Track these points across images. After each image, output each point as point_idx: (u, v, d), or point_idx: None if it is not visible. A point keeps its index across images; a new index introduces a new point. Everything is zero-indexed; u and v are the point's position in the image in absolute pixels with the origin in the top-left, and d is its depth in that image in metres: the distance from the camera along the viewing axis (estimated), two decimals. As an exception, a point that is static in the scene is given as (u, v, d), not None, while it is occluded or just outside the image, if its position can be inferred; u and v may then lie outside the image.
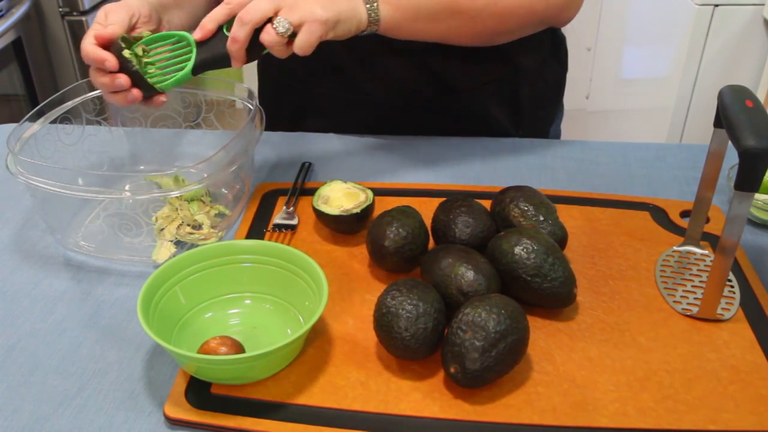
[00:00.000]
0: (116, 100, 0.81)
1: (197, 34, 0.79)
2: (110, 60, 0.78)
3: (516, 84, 1.07)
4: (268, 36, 0.76)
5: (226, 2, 0.78)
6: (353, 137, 1.07)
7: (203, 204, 0.88)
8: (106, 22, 0.80)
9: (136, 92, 0.80)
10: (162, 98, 0.82)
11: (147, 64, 0.80)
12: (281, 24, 0.75)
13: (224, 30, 0.79)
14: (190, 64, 0.79)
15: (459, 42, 0.94)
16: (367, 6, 0.81)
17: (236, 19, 0.76)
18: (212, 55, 0.79)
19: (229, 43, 0.77)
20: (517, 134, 1.10)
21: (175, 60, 0.80)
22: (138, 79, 0.80)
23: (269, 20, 0.77)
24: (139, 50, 0.80)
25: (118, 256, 0.83)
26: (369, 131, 1.07)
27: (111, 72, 0.79)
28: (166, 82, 0.80)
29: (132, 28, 0.82)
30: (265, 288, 0.75)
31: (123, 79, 0.79)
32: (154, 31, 0.85)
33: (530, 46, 0.99)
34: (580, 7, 0.96)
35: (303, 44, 0.77)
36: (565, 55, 1.14)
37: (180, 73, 0.80)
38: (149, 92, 0.81)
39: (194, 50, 0.80)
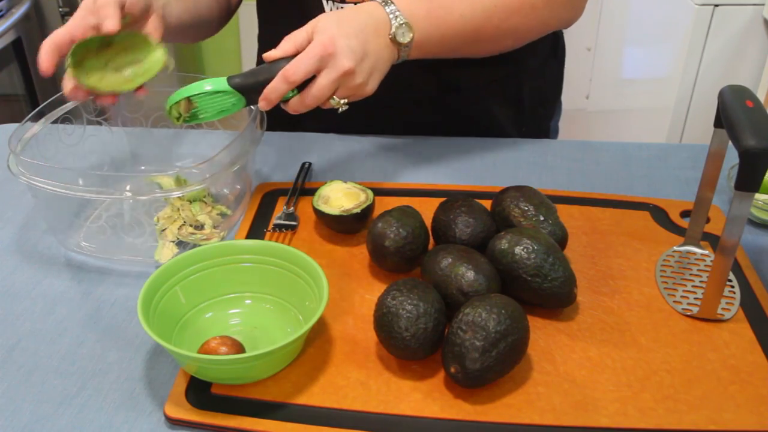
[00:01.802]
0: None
1: (264, 106, 0.81)
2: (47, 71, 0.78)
3: (519, 82, 1.08)
4: (316, 101, 0.80)
5: (286, 78, 0.79)
6: (353, 137, 1.07)
7: (205, 204, 0.88)
8: (103, 12, 0.79)
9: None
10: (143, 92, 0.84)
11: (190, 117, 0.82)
12: (339, 105, 0.81)
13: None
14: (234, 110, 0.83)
15: (473, 57, 0.97)
16: (401, 54, 0.85)
17: (281, 74, 0.78)
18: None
19: (268, 91, 0.79)
20: (519, 132, 1.10)
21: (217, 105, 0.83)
22: None
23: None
24: (182, 107, 0.81)
25: (119, 256, 0.83)
26: (370, 130, 1.07)
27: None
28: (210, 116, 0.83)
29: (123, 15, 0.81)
30: (266, 288, 0.75)
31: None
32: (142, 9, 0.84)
33: (533, 46, 1.00)
34: (584, 9, 0.98)
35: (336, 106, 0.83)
36: (563, 52, 1.15)
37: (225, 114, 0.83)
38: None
39: (240, 101, 0.82)
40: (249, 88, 0.80)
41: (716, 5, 1.94)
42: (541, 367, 0.68)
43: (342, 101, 0.81)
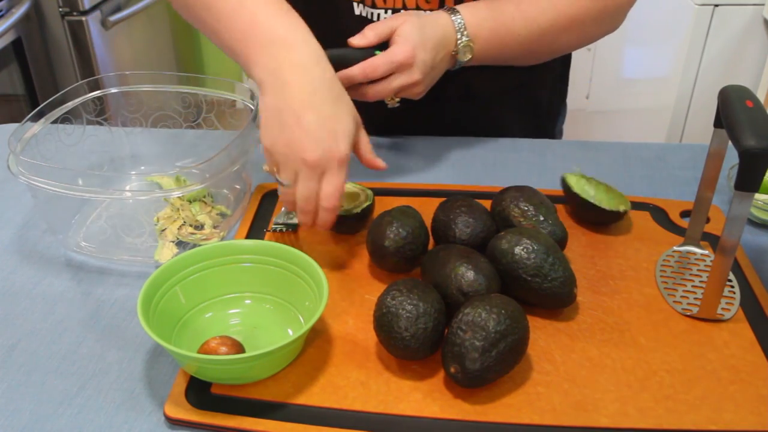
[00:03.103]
0: None
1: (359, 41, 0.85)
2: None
3: (534, 89, 1.07)
4: (377, 97, 0.86)
5: (364, 72, 0.83)
6: (353, 137, 1.06)
7: (204, 204, 0.88)
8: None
9: None
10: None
11: None
12: (394, 103, 0.88)
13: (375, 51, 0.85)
14: None
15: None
16: (456, 67, 0.90)
17: (362, 68, 0.83)
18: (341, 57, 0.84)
19: (342, 77, 0.81)
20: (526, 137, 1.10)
21: None
22: None
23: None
24: None
25: (119, 256, 0.83)
26: (378, 131, 1.07)
27: None
28: None
29: None
30: (265, 288, 0.75)
31: None
32: None
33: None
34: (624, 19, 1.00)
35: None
36: (570, 54, 1.14)
37: None
38: None
39: None
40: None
41: (716, 5, 1.94)
42: (541, 367, 0.68)
43: (397, 99, 0.87)
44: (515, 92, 1.07)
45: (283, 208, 0.89)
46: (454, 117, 1.07)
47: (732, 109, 0.66)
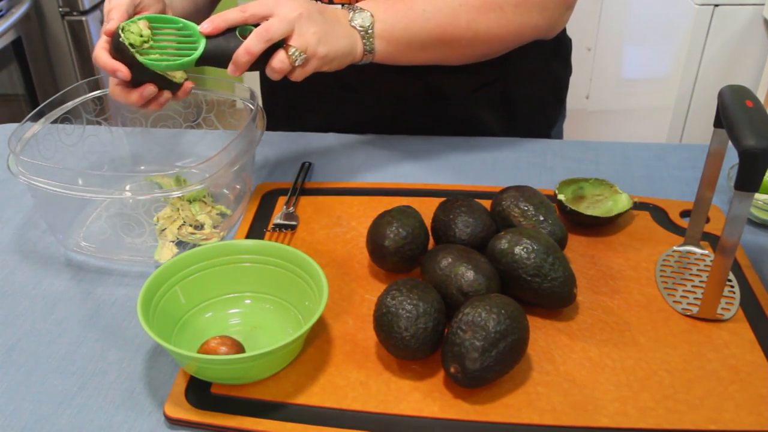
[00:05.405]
0: (151, 107, 0.83)
1: (206, 28, 0.78)
2: (122, 70, 0.78)
3: (509, 88, 1.06)
4: (281, 63, 0.80)
5: (241, 9, 0.79)
6: (353, 137, 1.07)
7: (204, 204, 0.88)
8: (109, 15, 0.80)
9: (152, 89, 0.80)
10: (190, 84, 0.82)
11: (148, 44, 0.78)
12: (298, 57, 0.80)
13: (237, 32, 0.79)
14: (196, 54, 0.78)
15: (450, 63, 0.97)
16: (364, 41, 0.85)
17: (256, 33, 0.78)
18: (219, 53, 0.79)
19: (242, 52, 0.78)
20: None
21: (178, 46, 0.79)
22: (142, 71, 0.78)
23: (279, 44, 0.79)
24: (142, 25, 0.78)
25: (119, 256, 0.83)
26: (361, 129, 1.07)
27: (134, 85, 0.79)
28: (171, 63, 0.78)
29: (135, 13, 0.81)
30: (265, 288, 0.75)
31: (150, 88, 0.79)
32: (160, 13, 0.84)
33: (526, 51, 0.99)
34: (568, 20, 0.98)
35: (297, 76, 0.82)
36: (567, 53, 1.13)
37: (186, 59, 0.78)
38: (160, 83, 0.80)
39: (202, 41, 0.78)
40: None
41: (716, 5, 1.94)
42: (541, 367, 0.68)
43: (300, 52, 0.79)
44: (485, 92, 1.05)
45: (283, 208, 0.89)
46: (429, 118, 1.07)
47: (732, 109, 0.66)
